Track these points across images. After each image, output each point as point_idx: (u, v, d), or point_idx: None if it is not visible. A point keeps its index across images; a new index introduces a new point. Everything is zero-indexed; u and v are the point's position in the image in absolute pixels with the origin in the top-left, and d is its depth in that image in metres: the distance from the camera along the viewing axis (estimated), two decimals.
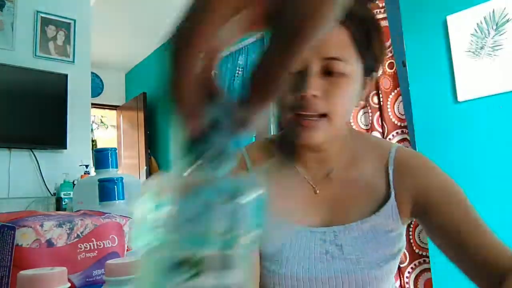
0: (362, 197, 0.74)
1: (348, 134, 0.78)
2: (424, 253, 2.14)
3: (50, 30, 3.04)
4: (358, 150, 0.77)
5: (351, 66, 0.67)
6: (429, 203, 0.71)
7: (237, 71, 3.39)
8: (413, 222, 2.18)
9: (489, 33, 1.83)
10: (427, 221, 0.72)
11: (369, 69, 0.73)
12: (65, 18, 3.11)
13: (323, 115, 0.67)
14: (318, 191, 0.76)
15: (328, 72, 0.66)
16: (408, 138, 2.25)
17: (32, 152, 2.87)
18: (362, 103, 0.75)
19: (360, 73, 0.70)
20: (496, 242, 0.68)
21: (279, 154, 0.80)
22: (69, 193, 2.56)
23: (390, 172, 0.74)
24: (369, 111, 2.34)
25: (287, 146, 0.79)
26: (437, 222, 0.70)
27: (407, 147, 2.23)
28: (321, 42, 0.65)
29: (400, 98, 2.28)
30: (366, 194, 0.74)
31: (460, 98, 1.92)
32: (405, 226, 0.77)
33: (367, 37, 0.69)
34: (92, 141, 5.60)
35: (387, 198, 0.73)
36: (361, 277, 0.68)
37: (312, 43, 0.24)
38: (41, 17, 3.00)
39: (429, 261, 2.12)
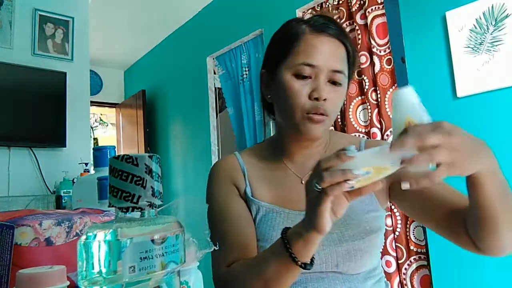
0: None
1: (329, 136, 0.93)
2: (419, 250, 2.15)
3: (49, 28, 3.04)
4: (337, 144, 0.91)
5: (345, 78, 0.83)
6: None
7: (244, 71, 3.39)
8: (409, 220, 2.19)
9: (488, 28, 1.83)
10: (403, 196, 0.83)
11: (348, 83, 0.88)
12: (64, 16, 3.10)
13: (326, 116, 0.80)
14: (303, 181, 0.87)
15: (331, 81, 0.81)
16: None
17: (32, 150, 2.87)
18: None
19: (347, 84, 0.86)
20: (454, 189, 0.78)
21: (270, 153, 0.93)
22: (69, 191, 2.56)
23: None
24: (368, 107, 2.34)
25: (277, 146, 0.92)
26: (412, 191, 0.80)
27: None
28: (330, 56, 0.80)
29: None
30: None
31: (459, 93, 1.92)
32: (384, 210, 0.89)
33: (353, 57, 0.85)
34: (94, 139, 5.60)
35: None
36: (347, 248, 0.79)
37: None
38: (40, 15, 2.99)
39: (424, 257, 2.13)
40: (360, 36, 2.39)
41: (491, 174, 0.59)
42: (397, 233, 2.20)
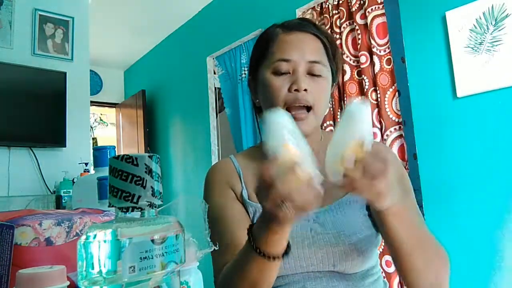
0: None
1: (321, 135, 0.94)
2: None
3: (49, 28, 3.04)
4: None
5: (326, 69, 0.85)
6: None
7: (243, 71, 3.39)
8: None
9: (488, 28, 1.83)
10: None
11: (333, 78, 0.89)
12: (63, 16, 3.10)
13: (310, 109, 0.82)
14: None
15: (310, 73, 0.83)
16: (403, 134, 2.25)
17: (32, 150, 2.87)
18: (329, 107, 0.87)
19: (330, 77, 0.87)
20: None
21: (264, 155, 0.89)
22: (69, 191, 2.56)
23: None
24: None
25: None
26: None
27: (402, 144, 2.24)
28: (304, 49, 0.83)
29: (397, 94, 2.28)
30: None
31: (459, 93, 1.92)
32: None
33: (332, 50, 0.87)
34: (93, 139, 5.59)
35: None
36: (343, 248, 0.78)
37: None
38: (39, 15, 2.99)
39: None
40: (360, 36, 2.39)
41: (400, 210, 0.65)
42: None
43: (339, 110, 2.54)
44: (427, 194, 2.06)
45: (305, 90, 0.81)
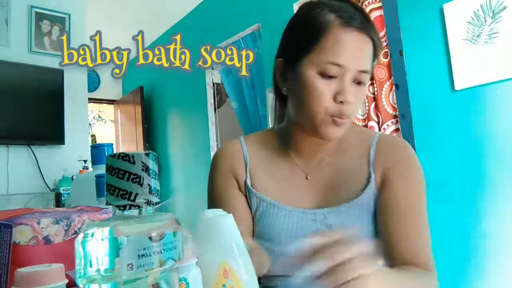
0: (349, 180, 0.81)
1: None
2: None
3: (45, 25, 3.02)
4: (346, 139, 0.84)
5: (369, 76, 0.77)
6: (388, 178, 0.80)
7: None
8: None
9: (485, 20, 1.82)
10: (379, 196, 0.79)
11: None
12: (60, 12, 3.09)
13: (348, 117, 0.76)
14: (309, 177, 0.83)
15: (356, 81, 0.75)
16: (400, 128, 2.25)
17: (30, 148, 2.87)
18: None
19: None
20: (417, 243, 0.76)
21: (276, 143, 0.88)
22: (69, 189, 2.56)
23: (372, 153, 0.82)
24: (366, 101, 2.34)
25: (285, 137, 0.87)
26: (384, 197, 0.78)
27: (400, 137, 2.24)
28: (358, 55, 0.74)
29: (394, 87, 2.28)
30: (353, 178, 0.81)
31: (457, 86, 1.92)
32: None
33: (377, 52, 0.78)
34: (91, 136, 5.59)
35: (369, 179, 0.80)
36: None
37: None
38: (36, 12, 2.98)
39: None
40: None
41: None
42: None
43: None
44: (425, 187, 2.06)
45: (350, 102, 0.74)
